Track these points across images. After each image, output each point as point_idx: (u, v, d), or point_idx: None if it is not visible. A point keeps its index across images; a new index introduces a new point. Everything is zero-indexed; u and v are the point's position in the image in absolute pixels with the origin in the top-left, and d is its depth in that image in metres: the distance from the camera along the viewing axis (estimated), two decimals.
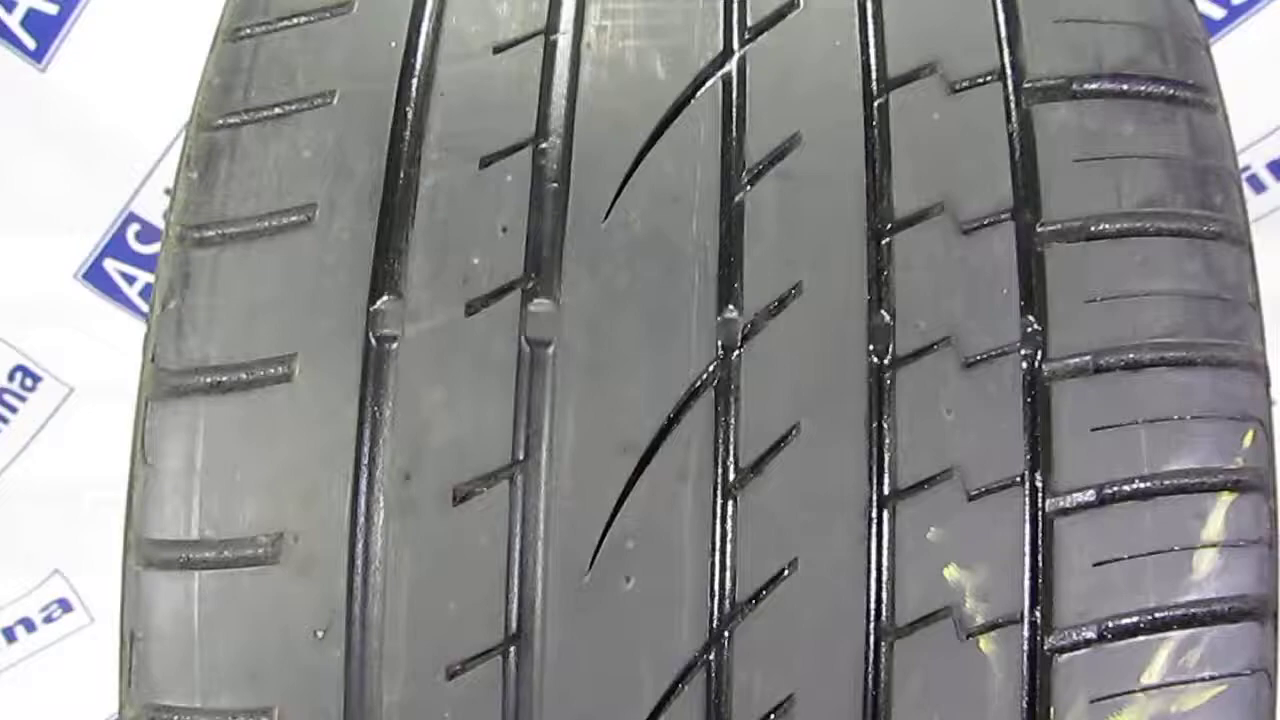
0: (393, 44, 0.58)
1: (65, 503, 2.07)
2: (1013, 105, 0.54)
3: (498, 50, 0.57)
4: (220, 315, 0.53)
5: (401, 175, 0.55)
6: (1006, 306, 0.51)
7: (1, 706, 1.98)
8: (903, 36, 0.56)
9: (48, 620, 2.11)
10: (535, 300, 0.52)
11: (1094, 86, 0.56)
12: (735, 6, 0.57)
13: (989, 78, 0.55)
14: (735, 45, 0.57)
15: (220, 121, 0.57)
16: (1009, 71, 0.55)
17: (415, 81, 0.57)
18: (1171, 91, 0.56)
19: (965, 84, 0.55)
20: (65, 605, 2.12)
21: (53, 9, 1.67)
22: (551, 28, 0.58)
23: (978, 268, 0.51)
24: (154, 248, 1.95)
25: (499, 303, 0.52)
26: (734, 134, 0.54)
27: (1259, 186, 1.76)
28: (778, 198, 0.53)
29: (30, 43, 1.67)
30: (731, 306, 0.52)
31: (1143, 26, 0.57)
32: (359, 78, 0.57)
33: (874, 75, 0.56)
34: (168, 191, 2.07)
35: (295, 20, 0.59)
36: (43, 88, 1.70)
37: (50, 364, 1.99)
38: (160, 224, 1.91)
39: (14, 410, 1.97)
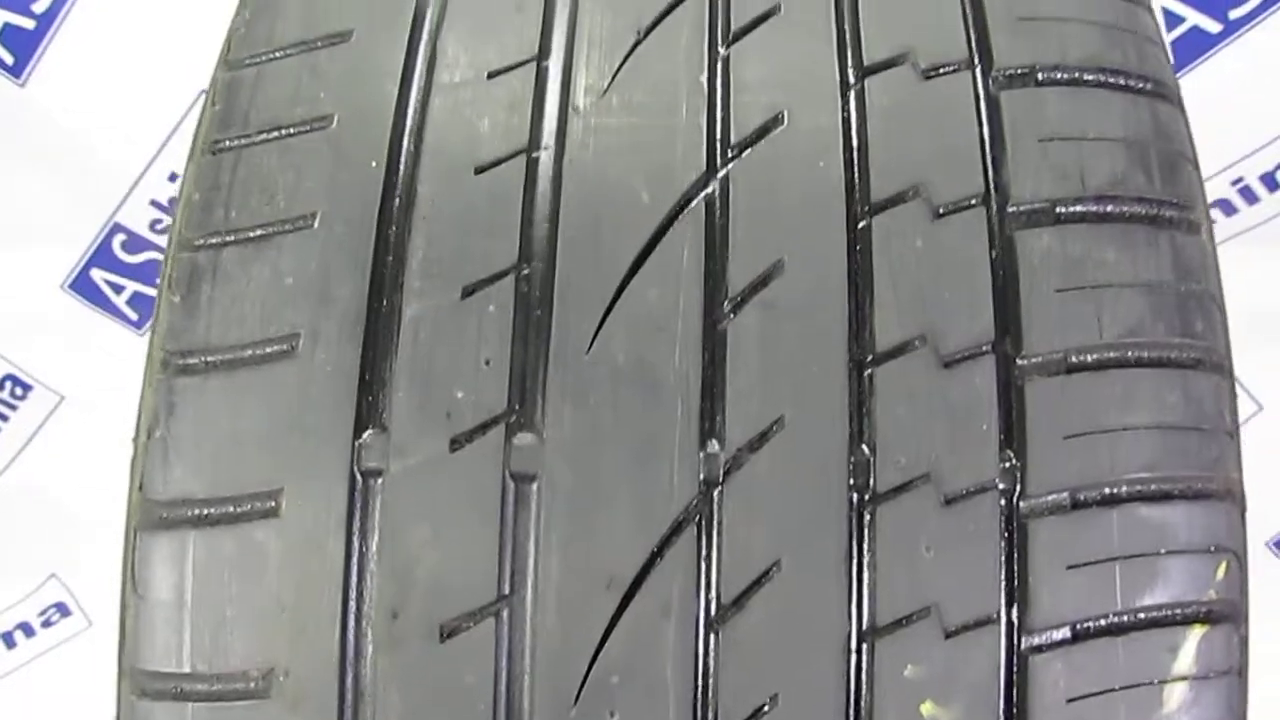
0: (373, 163, 0.57)
1: (59, 508, 2.08)
2: (996, 231, 0.55)
3: (479, 170, 0.57)
4: (206, 446, 0.54)
5: (384, 303, 0.55)
6: (986, 442, 0.51)
7: (4, 712, 2.00)
8: (887, 157, 0.56)
9: (46, 625, 2.13)
10: (519, 434, 0.53)
11: (1078, 209, 0.56)
12: (719, 122, 0.57)
13: (973, 201, 0.56)
14: (719, 163, 0.57)
15: (201, 242, 0.57)
16: (993, 195, 0.56)
17: (396, 203, 0.57)
18: (1155, 211, 0.56)
19: (949, 209, 0.55)
20: (63, 609, 2.13)
21: (29, 24, 1.65)
22: (534, 144, 0.58)
23: (958, 402, 0.52)
24: (140, 257, 1.95)
25: (483, 437, 0.52)
26: (717, 259, 0.55)
27: (1252, 198, 1.78)
28: (760, 328, 0.53)
29: (8, 58, 1.65)
30: (714, 440, 0.52)
31: (1128, 142, 0.57)
32: (340, 199, 0.57)
33: (857, 198, 0.56)
34: (154, 203, 2.05)
35: (275, 134, 0.59)
36: (22, 103, 1.69)
37: (40, 373, 1.99)
38: (146, 235, 1.91)
39: (5, 419, 1.97)
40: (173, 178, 1.82)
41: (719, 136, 0.57)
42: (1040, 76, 0.59)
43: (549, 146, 0.57)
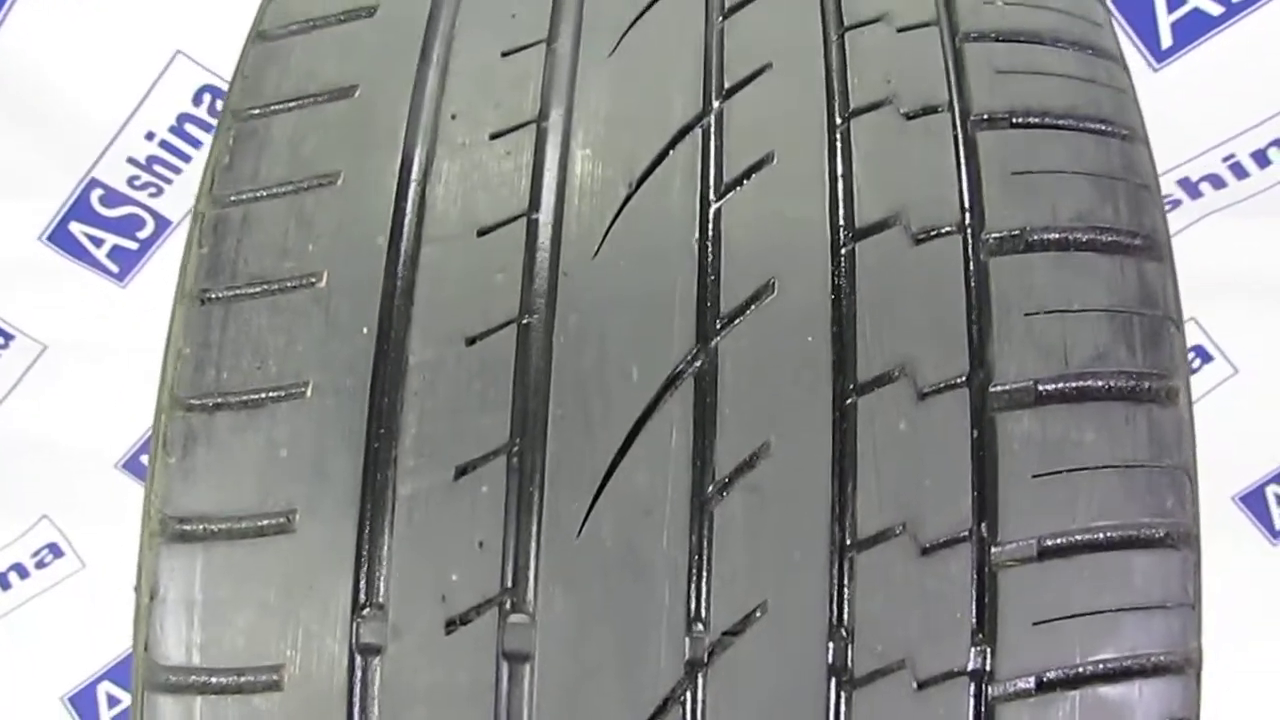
0: (364, 329, 0.57)
1: (46, 451, 2.10)
2: (977, 413, 0.56)
3: (471, 341, 0.57)
4: (206, 616, 0.55)
5: (379, 479, 0.56)
6: (959, 631, 0.53)
7: (3, 653, 2.05)
8: (876, 332, 0.57)
9: (40, 566, 2.17)
10: (512, 615, 0.54)
11: (1059, 387, 0.57)
12: (709, 294, 0.57)
13: (958, 381, 0.56)
14: (709, 336, 0.57)
15: (194, 402, 0.57)
16: (977, 374, 0.56)
17: (387, 372, 0.57)
18: (1135, 384, 0.57)
19: (933, 389, 0.56)
20: (56, 550, 2.17)
21: None
22: (525, 308, 0.58)
23: (934, 590, 0.53)
24: (119, 211, 1.92)
25: (478, 618, 0.54)
26: (705, 440, 0.55)
27: (1241, 173, 1.78)
28: (746, 512, 0.54)
29: None
30: (699, 623, 0.54)
31: (1113, 314, 0.58)
32: (331, 368, 0.57)
33: (845, 375, 0.56)
34: (130, 160, 2.02)
35: (263, 289, 0.58)
36: None
37: (21, 323, 1.98)
38: (124, 190, 1.88)
39: None
40: (149, 136, 1.78)
41: (709, 306, 0.57)
42: (1031, 239, 0.59)
43: (539, 312, 0.57)
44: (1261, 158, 1.75)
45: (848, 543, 0.54)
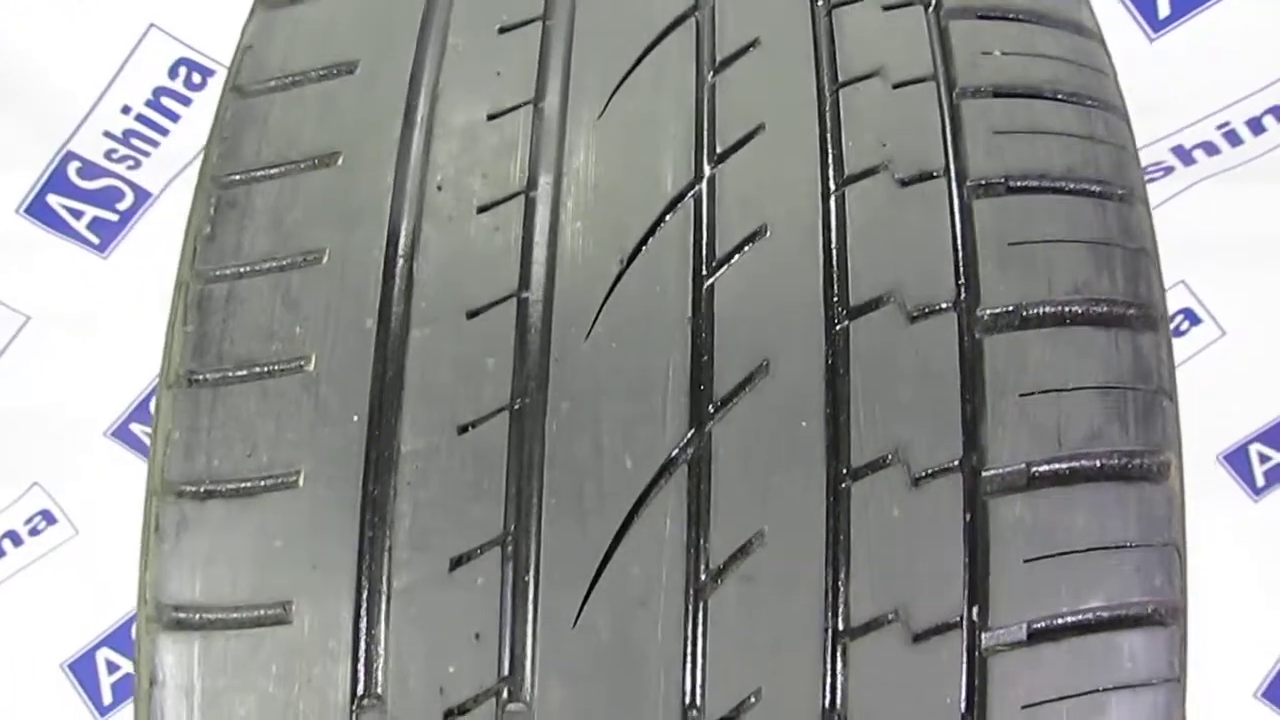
0: (355, 417, 0.57)
1: (33, 420, 2.10)
2: (970, 498, 0.55)
3: (462, 429, 0.56)
4: (206, 706, 0.55)
5: (373, 568, 0.56)
6: (950, 716, 0.54)
7: (3, 619, 2.07)
8: (869, 416, 0.56)
9: (33, 533, 2.18)
10: (510, 705, 0.55)
11: (1052, 469, 0.57)
12: (702, 377, 0.57)
13: (951, 466, 0.56)
14: (703, 421, 0.57)
15: (187, 489, 0.57)
16: (970, 460, 0.56)
17: (379, 461, 0.56)
18: (1127, 463, 0.57)
19: (927, 474, 0.56)
20: (49, 517, 2.18)
21: None
22: (517, 393, 0.57)
23: (925, 677, 0.54)
24: (97, 183, 1.89)
25: (476, 709, 0.54)
26: (699, 529, 0.55)
27: (1235, 140, 1.77)
28: (740, 601, 0.55)
29: None
30: (694, 710, 0.55)
31: (1106, 391, 0.57)
32: (322, 457, 0.56)
33: (839, 460, 0.56)
34: (107, 134, 1.98)
35: (252, 373, 0.57)
36: None
37: (2, 294, 1.96)
38: (101, 163, 1.84)
39: None
40: (125, 110, 1.74)
41: (703, 389, 0.57)
42: (1026, 313, 0.59)
43: (532, 398, 0.57)
44: (1256, 125, 1.73)
45: (840, 630, 0.55)
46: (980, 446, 0.57)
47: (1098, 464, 0.57)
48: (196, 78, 1.70)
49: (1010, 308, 0.59)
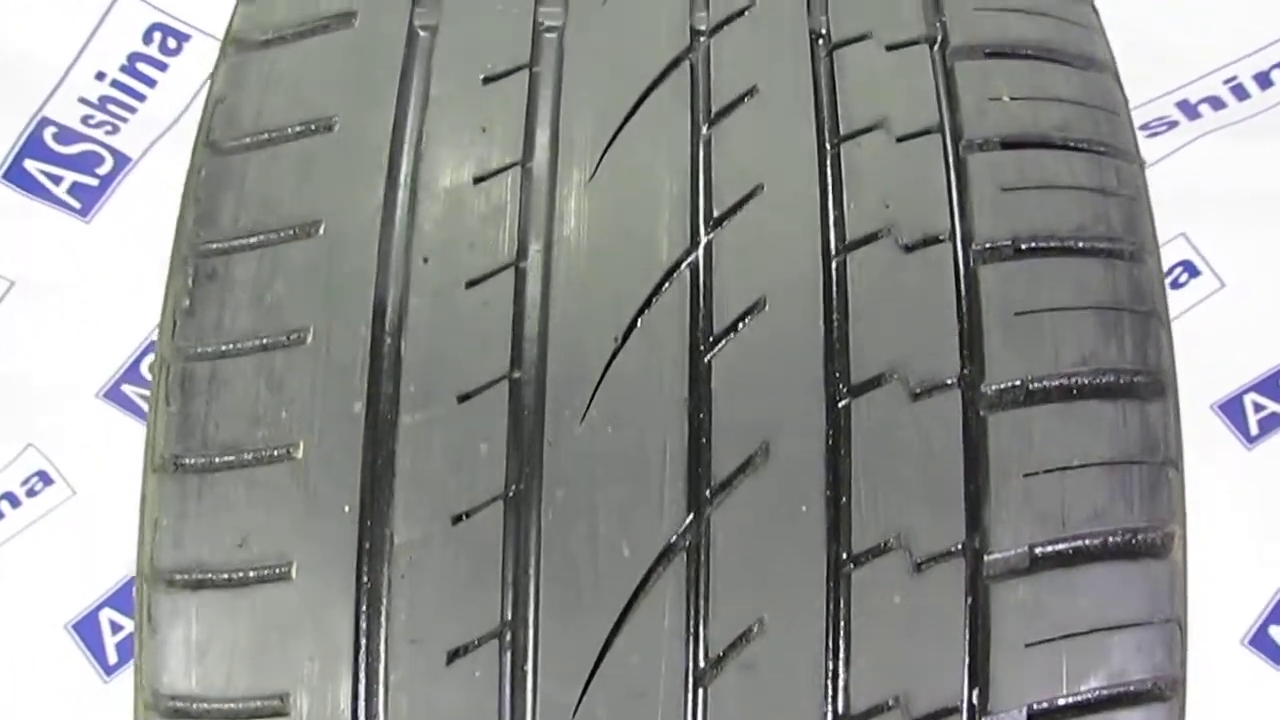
0: (346, 508, 0.55)
1: (22, 383, 2.08)
2: (971, 584, 0.55)
3: (456, 519, 0.55)
4: None
5: (369, 662, 0.55)
6: None
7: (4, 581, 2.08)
8: (869, 503, 0.55)
9: (31, 494, 2.18)
10: None
11: (1056, 549, 0.56)
12: (700, 460, 0.55)
13: (953, 550, 0.55)
14: (702, 507, 0.55)
15: (178, 578, 0.56)
16: (973, 544, 0.55)
17: (372, 552, 0.55)
18: (1132, 540, 0.56)
19: (929, 558, 0.55)
20: (45, 478, 2.18)
21: None
22: (511, 481, 0.55)
23: None
24: (75, 148, 1.84)
25: None
26: (698, 617, 0.54)
27: (1242, 94, 1.73)
28: (739, 690, 0.54)
29: None
30: None
31: (1113, 466, 0.56)
32: (312, 548, 0.55)
33: (839, 545, 0.55)
34: (82, 100, 1.93)
35: (237, 460, 0.56)
36: None
37: None
38: (77, 128, 1.80)
39: None
40: (100, 76, 1.69)
41: (701, 473, 0.55)
42: (1032, 387, 0.57)
43: (526, 485, 0.55)
44: (1264, 79, 1.69)
45: (841, 716, 0.55)
46: (983, 528, 0.56)
47: (1101, 542, 0.56)
48: (172, 42, 1.64)
49: (1016, 383, 0.57)
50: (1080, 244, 0.60)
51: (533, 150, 0.61)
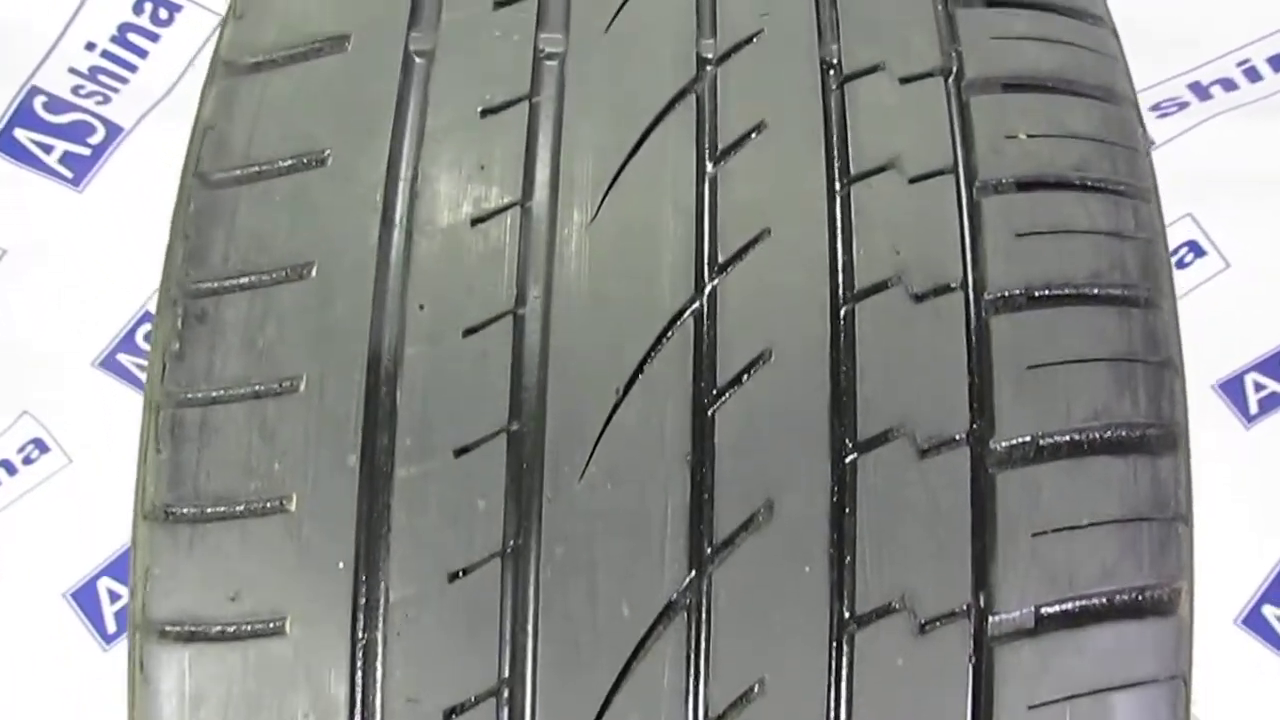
0: (340, 564, 0.54)
1: (17, 351, 2.06)
2: (976, 645, 0.54)
3: (452, 577, 0.54)
4: None
5: (361, 712, 0.54)
6: None
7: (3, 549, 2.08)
8: (874, 564, 0.54)
9: (27, 462, 2.18)
10: None
11: (1061, 610, 0.54)
12: (702, 518, 0.54)
13: (959, 610, 0.54)
14: (703, 565, 0.54)
15: (170, 629, 0.55)
16: (978, 604, 0.54)
17: (367, 608, 0.54)
18: (1138, 597, 0.55)
19: (932, 623, 0.54)
20: (41, 446, 2.17)
21: None
22: (509, 536, 0.54)
23: None
24: (65, 117, 1.81)
25: None
26: (698, 678, 0.53)
27: (1255, 76, 1.69)
28: None
29: None
30: None
31: (1122, 524, 0.55)
32: (309, 604, 0.54)
33: (842, 605, 0.54)
34: (72, 70, 1.90)
35: (229, 511, 0.54)
36: None
37: None
38: (68, 98, 1.76)
39: None
40: (90, 46, 1.65)
41: (703, 530, 0.54)
42: (1042, 443, 0.56)
43: (524, 541, 0.54)
44: (1277, 61, 1.66)
45: None
46: (989, 589, 0.55)
47: (1108, 602, 0.56)
48: (163, 13, 1.60)
49: (1026, 439, 0.56)
50: (1095, 291, 0.58)
51: (532, 189, 0.59)
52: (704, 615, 0.55)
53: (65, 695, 1.69)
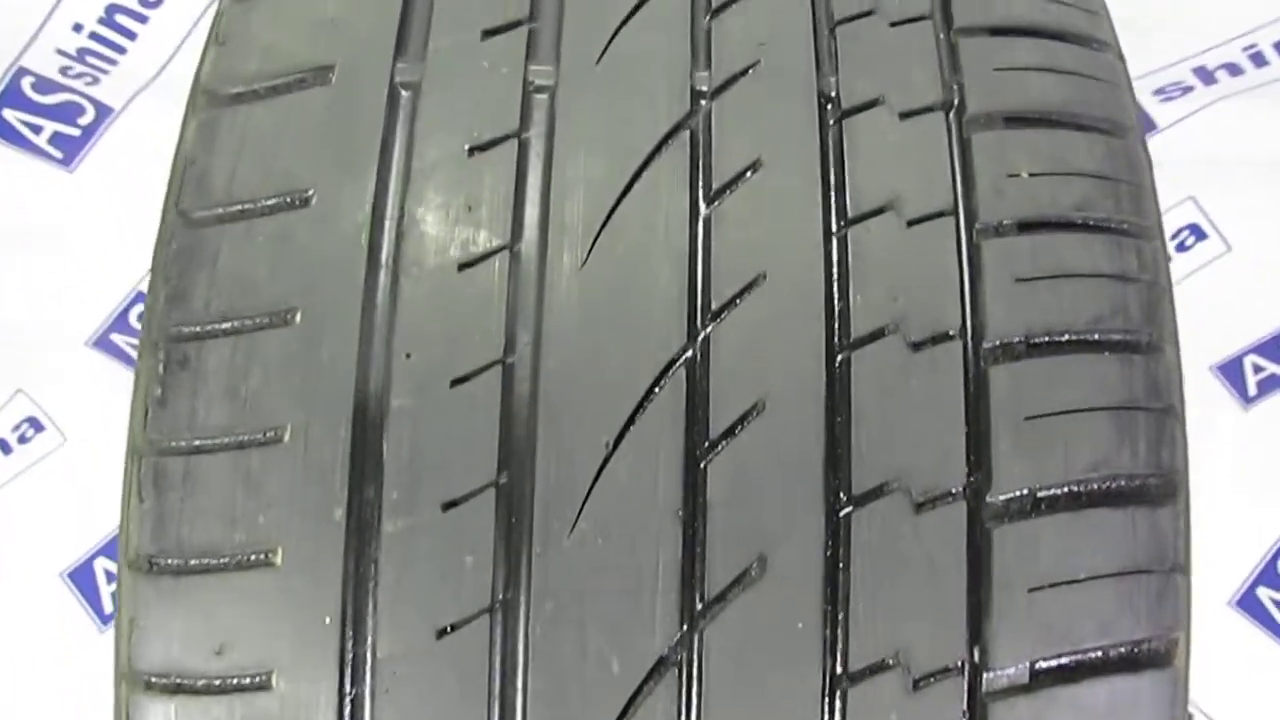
0: (327, 619, 0.53)
1: (10, 331, 2.05)
2: (971, 700, 0.53)
3: (440, 633, 0.53)
4: None
5: None
6: None
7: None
8: (867, 620, 0.53)
9: (22, 441, 2.17)
10: None
11: (1056, 664, 0.54)
12: (693, 573, 0.53)
13: (953, 667, 0.53)
14: (695, 622, 0.53)
15: (155, 680, 0.54)
16: (973, 662, 0.53)
17: (355, 664, 0.53)
18: (1134, 650, 0.54)
19: (926, 680, 0.53)
20: (36, 425, 2.16)
21: None
22: (498, 592, 0.53)
23: None
24: (54, 98, 1.78)
25: None
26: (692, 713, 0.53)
27: (1261, 61, 1.67)
28: None
29: None
30: None
31: (1120, 578, 0.54)
32: (297, 658, 0.53)
33: (835, 663, 0.53)
34: (59, 51, 1.88)
35: (214, 564, 0.53)
36: None
37: None
38: (56, 79, 1.73)
39: None
40: (78, 28, 1.62)
41: (694, 586, 0.53)
42: (1040, 496, 0.55)
43: (512, 597, 0.53)
44: None
45: None
46: (984, 644, 0.54)
47: (1104, 655, 0.55)
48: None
49: (1024, 492, 0.55)
50: (1096, 337, 0.57)
51: (521, 231, 0.57)
52: (695, 671, 0.54)
53: (62, 675, 1.70)
